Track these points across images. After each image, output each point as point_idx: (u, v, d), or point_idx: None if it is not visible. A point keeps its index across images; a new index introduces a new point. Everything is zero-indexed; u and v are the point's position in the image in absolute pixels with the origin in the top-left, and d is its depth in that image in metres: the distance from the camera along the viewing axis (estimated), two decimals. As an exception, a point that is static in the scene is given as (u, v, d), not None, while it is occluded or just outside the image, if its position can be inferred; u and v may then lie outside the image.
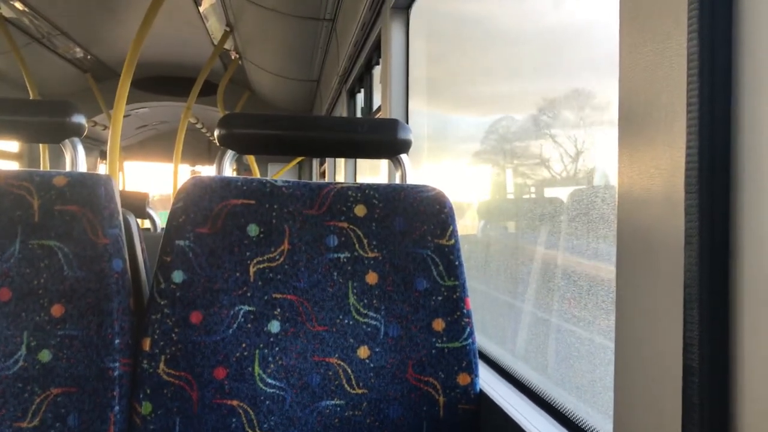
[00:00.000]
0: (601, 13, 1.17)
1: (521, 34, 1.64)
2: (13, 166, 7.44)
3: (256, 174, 7.69)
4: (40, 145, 6.57)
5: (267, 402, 1.07)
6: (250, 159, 7.85)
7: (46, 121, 1.18)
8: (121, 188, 5.79)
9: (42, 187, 1.09)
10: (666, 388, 0.60)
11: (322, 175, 7.85)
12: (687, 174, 0.57)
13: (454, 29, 2.17)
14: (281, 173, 9.30)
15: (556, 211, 1.38)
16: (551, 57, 1.43)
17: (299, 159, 9.43)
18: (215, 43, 5.66)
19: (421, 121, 2.50)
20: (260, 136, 1.23)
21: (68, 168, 1.20)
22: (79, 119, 1.19)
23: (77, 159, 1.21)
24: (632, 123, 0.67)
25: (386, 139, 1.24)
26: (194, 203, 1.10)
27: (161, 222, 3.85)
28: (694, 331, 0.56)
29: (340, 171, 5.16)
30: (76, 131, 1.19)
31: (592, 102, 1.25)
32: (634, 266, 0.67)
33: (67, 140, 1.20)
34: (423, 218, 1.13)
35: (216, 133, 1.23)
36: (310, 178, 9.29)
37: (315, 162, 9.18)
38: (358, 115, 4.05)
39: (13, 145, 7.34)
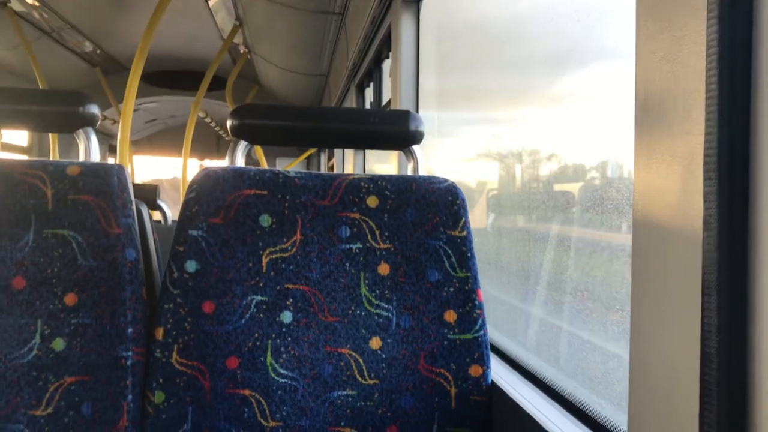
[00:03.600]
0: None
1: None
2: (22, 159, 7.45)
3: (265, 167, 7.68)
4: (50, 137, 6.60)
5: (279, 392, 1.07)
6: (259, 153, 7.86)
7: (60, 111, 1.18)
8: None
9: (55, 177, 1.09)
10: (683, 376, 0.60)
11: (331, 169, 7.85)
12: (706, 161, 0.57)
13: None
14: (290, 167, 9.29)
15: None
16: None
17: (308, 153, 9.43)
18: (224, 37, 5.66)
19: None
20: (272, 126, 1.23)
21: (81, 158, 1.20)
22: (93, 109, 1.19)
23: (90, 149, 1.21)
24: (649, 111, 0.67)
25: (398, 130, 1.24)
26: (207, 193, 1.10)
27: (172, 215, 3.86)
28: (713, 317, 0.56)
29: (348, 165, 5.15)
30: (89, 121, 1.20)
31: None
32: (651, 252, 0.66)
33: (80, 130, 1.20)
34: (435, 209, 1.13)
35: (228, 123, 1.23)
36: None
37: (323, 156, 9.18)
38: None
39: (22, 139, 7.38)
